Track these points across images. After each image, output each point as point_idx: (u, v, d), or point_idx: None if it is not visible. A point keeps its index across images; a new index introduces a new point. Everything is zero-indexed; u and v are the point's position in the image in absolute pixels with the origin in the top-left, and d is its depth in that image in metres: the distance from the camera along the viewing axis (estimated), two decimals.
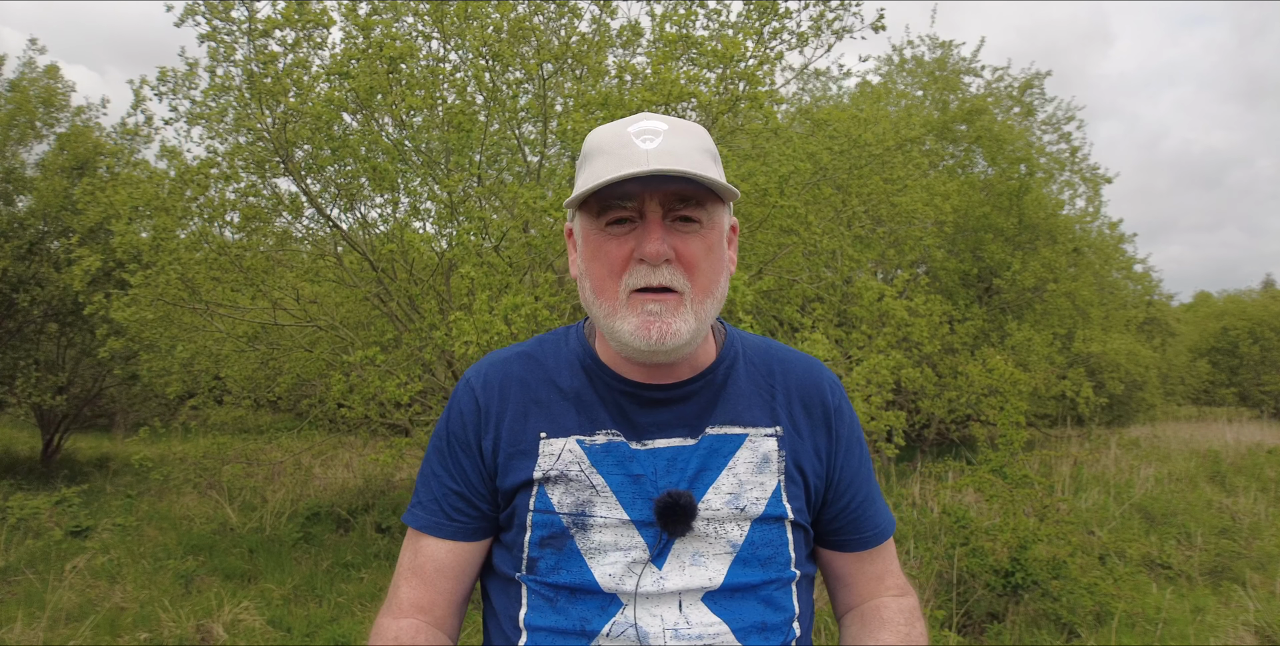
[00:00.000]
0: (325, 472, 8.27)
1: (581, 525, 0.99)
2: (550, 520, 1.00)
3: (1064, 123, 11.45)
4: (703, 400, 1.04)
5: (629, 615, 0.97)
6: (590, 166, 0.96)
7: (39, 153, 8.89)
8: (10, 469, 8.60)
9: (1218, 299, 24.67)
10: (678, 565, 0.98)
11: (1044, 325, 10.54)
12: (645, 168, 0.89)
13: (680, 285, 0.94)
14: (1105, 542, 5.68)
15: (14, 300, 8.19)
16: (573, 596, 0.98)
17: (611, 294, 0.96)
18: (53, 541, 5.58)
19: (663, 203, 0.94)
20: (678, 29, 4.69)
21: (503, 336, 3.48)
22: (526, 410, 1.05)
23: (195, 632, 4.13)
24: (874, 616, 1.10)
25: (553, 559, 0.99)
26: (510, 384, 1.07)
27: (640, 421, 1.03)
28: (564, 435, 1.02)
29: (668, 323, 0.94)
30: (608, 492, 1.00)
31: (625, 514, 0.99)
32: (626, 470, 1.00)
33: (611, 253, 0.95)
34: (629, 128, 0.95)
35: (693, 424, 1.03)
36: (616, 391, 1.04)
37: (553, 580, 0.99)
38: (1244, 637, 4.22)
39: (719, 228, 0.99)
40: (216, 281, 5.54)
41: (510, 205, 4.60)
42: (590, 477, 1.00)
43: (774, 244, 5.70)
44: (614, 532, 0.98)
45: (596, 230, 0.97)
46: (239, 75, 4.90)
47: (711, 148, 0.99)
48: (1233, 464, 9.29)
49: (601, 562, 0.98)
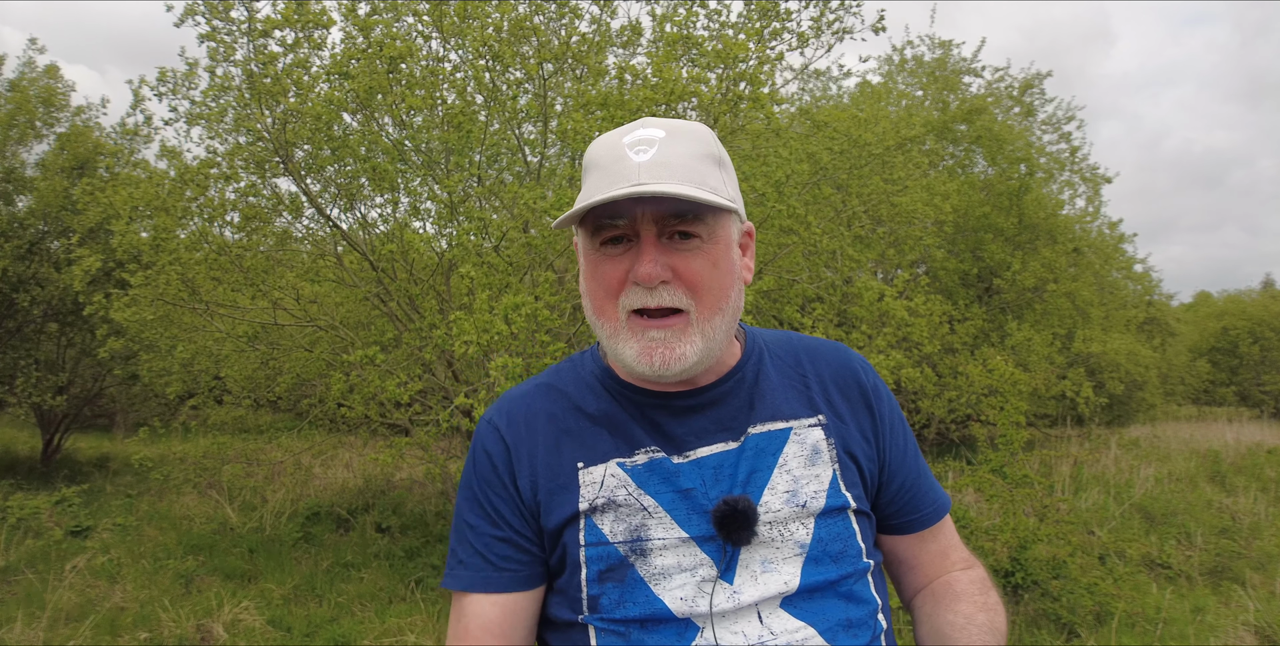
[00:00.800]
0: (325, 472, 8.27)
1: (640, 551, 0.93)
2: (606, 552, 0.94)
3: (1064, 122, 11.45)
4: (738, 400, 1.00)
5: (708, 637, 0.91)
6: (587, 181, 0.94)
7: (39, 153, 8.90)
8: (10, 469, 8.60)
9: (1218, 299, 24.67)
10: (749, 576, 0.93)
11: (1044, 325, 10.54)
12: (633, 183, 0.86)
13: (684, 304, 0.90)
14: (1105, 542, 5.68)
15: (14, 300, 8.19)
16: (644, 629, 0.92)
17: (611, 314, 0.93)
18: (53, 541, 5.58)
19: (657, 220, 0.89)
20: (678, 29, 4.69)
21: (503, 336, 3.48)
22: (558, 441, 0.99)
23: (195, 632, 4.13)
24: (946, 592, 1.05)
25: (616, 592, 0.93)
26: (536, 417, 1.01)
27: (677, 433, 0.98)
28: (602, 461, 0.97)
29: (671, 348, 0.90)
30: (660, 513, 0.94)
31: (683, 531, 0.93)
32: (675, 486, 0.95)
33: (607, 274, 0.92)
34: (625, 137, 0.92)
35: (732, 426, 0.98)
36: (646, 406, 0.99)
37: (620, 615, 0.92)
38: (1244, 637, 4.22)
39: (723, 239, 0.93)
40: (216, 281, 5.54)
41: (510, 205, 4.60)
42: (639, 500, 0.95)
43: (774, 244, 5.69)
44: (675, 554, 0.93)
45: (593, 249, 0.94)
46: (239, 75, 4.90)
47: (714, 150, 0.94)
48: (1233, 464, 9.29)
49: (669, 587, 0.92)
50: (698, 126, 0.96)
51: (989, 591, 1.05)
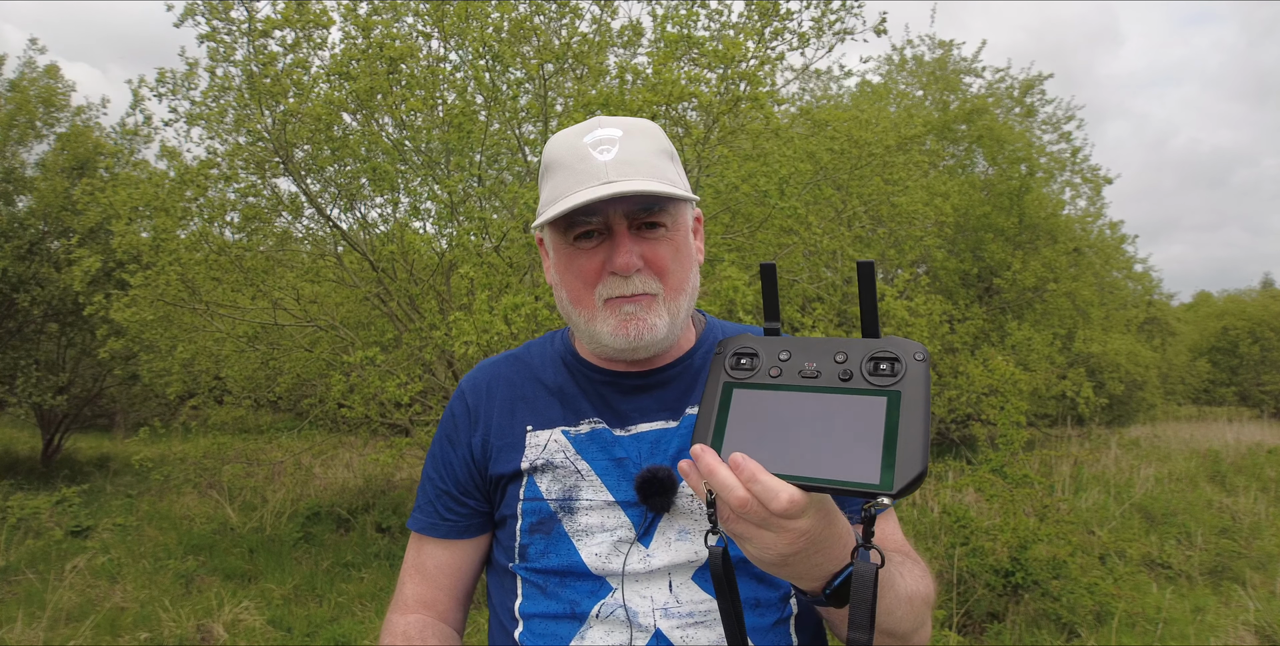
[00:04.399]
0: (325, 472, 8.27)
1: (568, 509, 1.02)
2: (539, 507, 1.03)
3: (1064, 122, 11.45)
4: (683, 384, 1.07)
5: (618, 597, 0.98)
6: (551, 181, 0.99)
7: (39, 153, 8.90)
8: (10, 469, 8.61)
9: (1218, 299, 24.69)
10: (664, 542, 0.99)
11: (1044, 325, 10.54)
12: (604, 182, 0.92)
13: (654, 289, 0.98)
14: (1105, 542, 5.68)
15: (14, 300, 8.20)
16: (562, 581, 1.00)
17: (588, 303, 0.99)
18: (53, 541, 5.58)
19: (627, 214, 0.96)
20: (679, 29, 4.69)
21: (503, 336, 3.47)
22: (513, 407, 1.09)
23: (195, 632, 4.13)
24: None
25: (541, 543, 1.02)
26: (497, 383, 1.12)
27: (622, 408, 1.06)
28: (549, 427, 1.06)
29: (643, 319, 0.97)
30: (593, 476, 1.02)
31: (610, 495, 1.01)
32: (610, 454, 1.03)
33: (584, 266, 0.98)
34: (584, 138, 0.97)
35: (674, 407, 1.05)
36: (598, 382, 1.08)
37: (542, 565, 1.01)
38: (1244, 637, 4.22)
39: (684, 226, 1.01)
40: (216, 281, 5.54)
41: (510, 205, 4.60)
42: (575, 463, 1.03)
43: (774, 244, 5.69)
44: (600, 514, 1.01)
45: (566, 244, 1.00)
46: (239, 75, 4.89)
47: (667, 146, 1.01)
48: (1233, 463, 9.29)
49: (589, 544, 1.00)
50: (648, 124, 1.02)
51: (919, 564, 1.00)
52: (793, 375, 0.78)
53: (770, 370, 0.80)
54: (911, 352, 0.75)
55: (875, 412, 0.72)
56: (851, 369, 0.76)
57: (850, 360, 0.77)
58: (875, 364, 0.76)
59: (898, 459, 0.69)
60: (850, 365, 0.76)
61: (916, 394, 0.73)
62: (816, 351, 0.79)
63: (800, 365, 0.79)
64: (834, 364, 0.77)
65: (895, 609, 0.87)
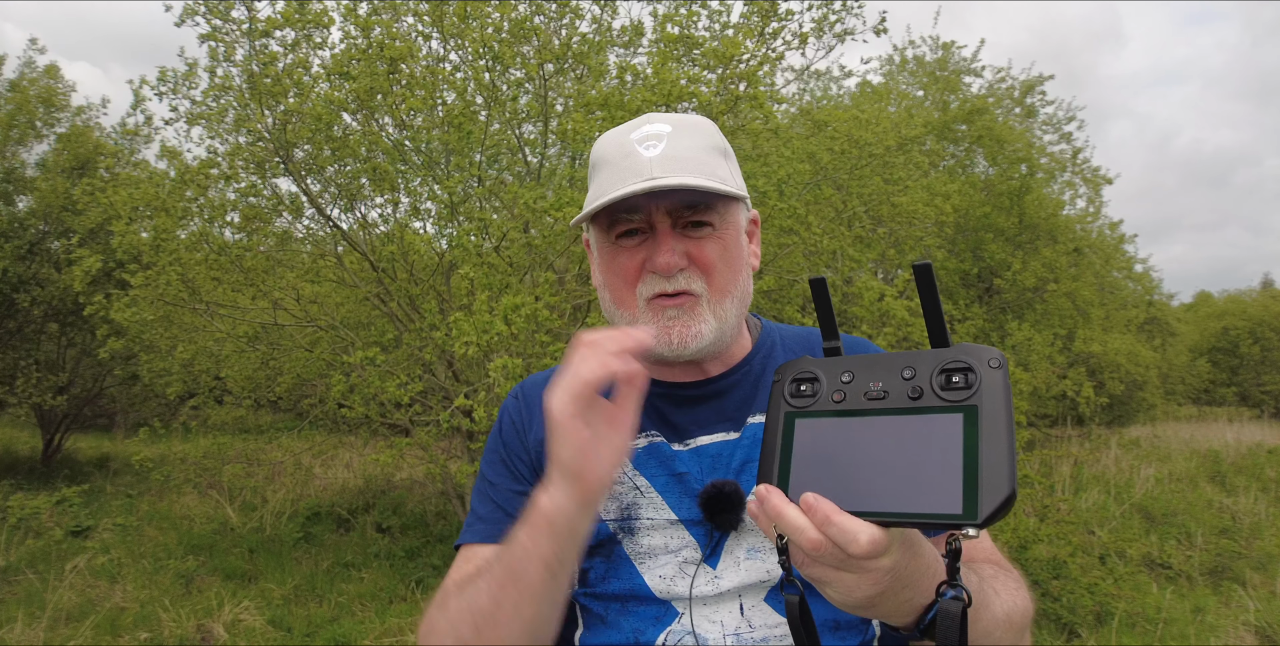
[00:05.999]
0: (325, 472, 8.28)
1: (628, 529, 0.96)
2: (597, 528, 0.96)
3: (1064, 123, 11.46)
4: (742, 392, 1.02)
5: (685, 623, 0.92)
6: (597, 179, 0.96)
7: (39, 153, 8.90)
8: (11, 469, 8.61)
9: (1218, 299, 24.69)
10: (732, 561, 0.93)
11: (1044, 325, 10.53)
12: (647, 178, 0.88)
13: (698, 288, 0.93)
14: (1105, 542, 5.68)
15: (14, 300, 8.20)
16: (624, 607, 0.94)
17: (630, 303, 0.95)
18: (53, 541, 5.58)
19: (670, 211, 0.92)
20: (679, 29, 4.69)
21: (503, 336, 3.47)
22: None
23: (195, 632, 4.13)
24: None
25: (602, 567, 0.96)
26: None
27: (679, 421, 1.01)
28: None
29: (687, 326, 0.92)
30: (653, 493, 0.97)
31: (673, 513, 0.95)
32: (670, 470, 0.98)
33: (625, 264, 0.95)
34: (632, 134, 0.94)
35: (734, 417, 1.00)
36: (652, 394, 1.00)
37: (602, 590, 0.95)
38: (1244, 637, 4.22)
39: (734, 226, 0.97)
40: (217, 282, 5.54)
41: (510, 205, 4.60)
42: (633, 480, 0.98)
43: (774, 244, 5.69)
44: (663, 534, 0.95)
45: (608, 243, 0.96)
46: (239, 75, 4.89)
47: (720, 142, 0.97)
48: (1233, 464, 9.29)
49: (652, 566, 0.94)
50: (701, 120, 0.98)
51: (1013, 574, 0.95)
52: (858, 398, 0.72)
53: (833, 395, 0.74)
54: (986, 359, 0.69)
55: (952, 432, 0.67)
56: (921, 385, 0.70)
57: (919, 375, 0.70)
58: (947, 377, 0.69)
59: (981, 482, 0.63)
60: (919, 381, 0.70)
61: (996, 405, 0.66)
62: (881, 369, 0.73)
63: (865, 386, 0.72)
64: (901, 381, 0.71)
65: (993, 631, 0.80)
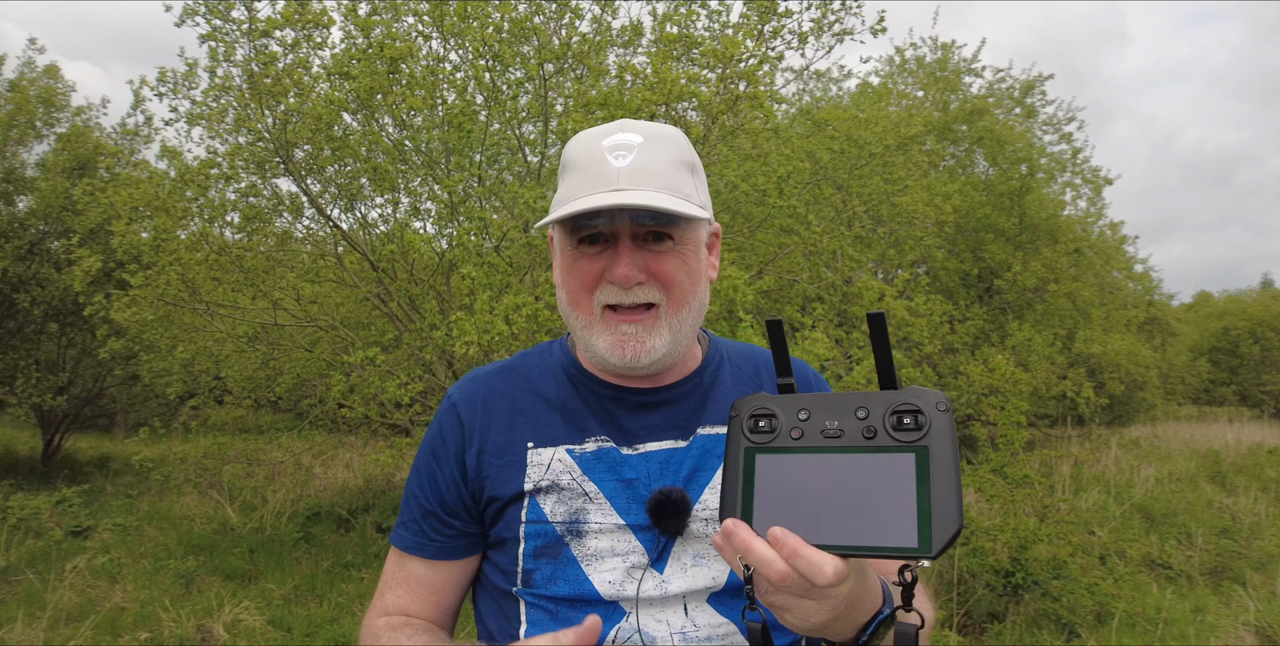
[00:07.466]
0: (325, 472, 8.27)
1: (576, 533, 0.97)
2: (544, 530, 0.98)
3: (1064, 123, 11.46)
4: (692, 402, 1.04)
5: (633, 622, 0.95)
6: (566, 181, 0.97)
7: (39, 153, 8.90)
8: (11, 469, 8.61)
9: (1218, 299, 24.69)
10: (679, 567, 0.96)
11: (1045, 325, 10.54)
12: (614, 187, 0.90)
13: (656, 299, 0.95)
14: (1105, 542, 5.68)
15: (14, 300, 8.20)
16: (573, 608, 0.96)
17: (586, 308, 0.97)
18: (53, 541, 5.58)
19: (633, 224, 0.93)
20: (679, 29, 4.69)
21: (503, 336, 3.47)
22: (511, 421, 1.03)
23: (195, 632, 4.13)
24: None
25: (549, 569, 0.97)
26: (494, 396, 1.06)
27: (630, 426, 1.02)
28: (552, 444, 1.01)
29: (642, 341, 0.94)
30: (601, 499, 0.98)
31: (620, 518, 0.97)
32: (619, 475, 0.99)
33: (585, 270, 0.96)
34: (604, 140, 0.95)
35: (683, 426, 1.03)
36: (604, 398, 1.03)
37: (551, 592, 0.97)
38: (1244, 637, 4.22)
39: (694, 241, 0.98)
40: (217, 282, 5.54)
41: (510, 205, 4.60)
42: (582, 485, 0.99)
43: (774, 244, 5.70)
44: (610, 538, 0.97)
45: (570, 247, 0.97)
46: (239, 75, 4.89)
47: (688, 157, 0.98)
48: (1233, 464, 9.29)
49: (600, 569, 0.96)
50: (672, 131, 0.99)
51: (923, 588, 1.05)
52: (815, 436, 0.76)
53: (791, 431, 0.78)
54: (934, 403, 0.74)
55: (905, 471, 0.71)
56: (875, 425, 0.75)
57: (872, 416, 0.75)
58: (899, 418, 0.74)
59: (934, 517, 0.68)
60: (873, 421, 0.75)
61: (944, 447, 0.72)
62: (836, 408, 0.77)
63: (821, 424, 0.77)
64: (856, 421, 0.76)
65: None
